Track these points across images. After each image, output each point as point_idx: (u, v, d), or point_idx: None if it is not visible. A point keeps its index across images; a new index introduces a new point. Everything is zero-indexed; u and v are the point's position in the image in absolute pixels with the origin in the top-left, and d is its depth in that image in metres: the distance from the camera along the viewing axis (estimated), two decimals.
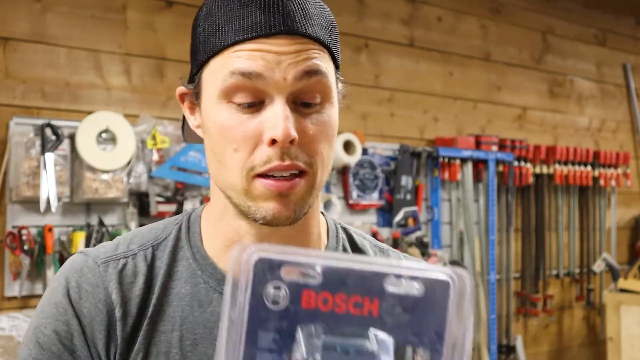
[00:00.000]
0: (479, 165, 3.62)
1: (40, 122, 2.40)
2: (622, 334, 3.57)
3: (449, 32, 3.75)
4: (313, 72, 0.73)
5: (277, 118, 0.70)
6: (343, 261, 0.46)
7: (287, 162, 0.72)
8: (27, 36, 2.49)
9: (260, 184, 0.72)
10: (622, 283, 3.73)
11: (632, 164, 4.67)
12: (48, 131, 2.39)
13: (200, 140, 0.83)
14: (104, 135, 2.49)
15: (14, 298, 2.39)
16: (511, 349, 3.81)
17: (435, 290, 0.45)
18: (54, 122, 2.41)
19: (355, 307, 0.45)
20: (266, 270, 0.46)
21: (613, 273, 4.05)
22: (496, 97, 3.95)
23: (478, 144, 3.61)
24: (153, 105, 2.73)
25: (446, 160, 3.46)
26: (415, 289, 0.46)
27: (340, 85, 0.81)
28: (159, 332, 0.77)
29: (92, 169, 2.44)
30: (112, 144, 2.50)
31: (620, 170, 4.36)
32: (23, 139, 2.37)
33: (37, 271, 2.40)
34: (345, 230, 0.89)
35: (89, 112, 2.51)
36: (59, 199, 2.39)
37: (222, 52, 0.73)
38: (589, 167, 4.17)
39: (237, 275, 0.46)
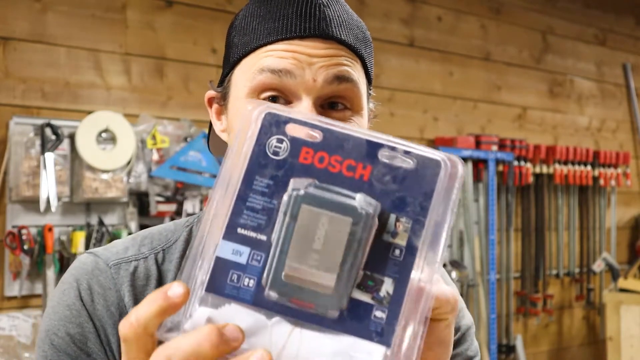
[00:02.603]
0: (479, 165, 3.62)
1: (40, 121, 2.40)
2: (622, 333, 3.57)
3: (449, 32, 3.75)
4: (344, 79, 0.71)
5: None
6: (344, 128, 0.48)
7: None
8: (27, 36, 2.49)
9: None
10: (622, 283, 3.74)
11: (632, 164, 4.67)
12: (48, 131, 2.39)
13: (223, 154, 0.82)
14: (104, 135, 2.49)
15: (14, 298, 2.39)
16: (511, 349, 3.81)
17: (426, 167, 0.47)
18: (54, 122, 2.41)
19: (348, 170, 0.47)
20: (273, 123, 0.48)
21: (613, 273, 4.05)
22: (496, 96, 3.95)
23: (478, 144, 3.61)
24: (153, 105, 2.74)
25: None
26: (407, 162, 0.47)
27: (371, 104, 0.80)
28: None
29: (92, 169, 2.44)
30: (112, 143, 2.50)
31: (620, 170, 4.36)
32: (23, 138, 2.37)
33: (37, 271, 2.40)
34: None
35: (89, 112, 2.51)
36: (59, 199, 2.39)
37: (253, 51, 0.73)
38: (588, 167, 4.17)
39: (246, 125, 0.48)
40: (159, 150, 2.60)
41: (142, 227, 2.56)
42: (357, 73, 0.74)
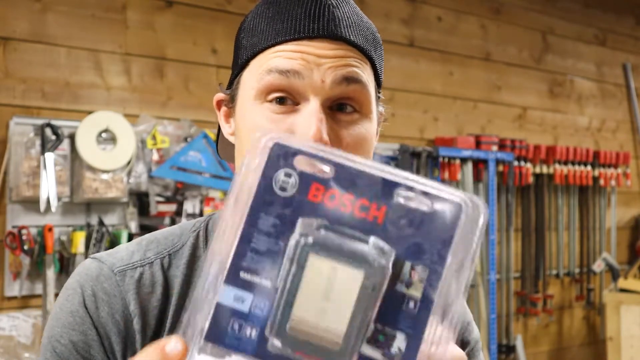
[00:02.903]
0: (479, 165, 3.62)
1: (40, 122, 2.40)
2: (622, 333, 3.57)
3: (449, 32, 3.75)
4: (352, 80, 0.70)
5: (310, 118, 0.68)
6: (358, 163, 0.45)
7: None
8: (27, 36, 2.49)
9: None
10: (622, 283, 3.74)
11: (632, 164, 4.67)
12: (48, 131, 2.39)
13: (231, 160, 0.80)
14: (104, 135, 2.49)
15: (14, 298, 2.39)
16: (511, 349, 3.81)
17: (446, 210, 0.44)
18: (54, 122, 2.41)
19: (361, 211, 0.44)
20: (281, 155, 0.45)
21: (613, 273, 4.05)
22: (496, 97, 3.95)
23: (478, 144, 3.61)
24: (153, 105, 2.74)
25: (446, 160, 3.46)
26: (425, 204, 0.44)
27: (380, 107, 0.79)
28: None
29: (92, 169, 2.44)
30: (112, 143, 2.50)
31: (620, 170, 4.36)
32: (23, 138, 2.37)
33: (37, 271, 2.40)
34: None
35: (89, 112, 2.51)
36: (59, 199, 2.39)
37: (262, 52, 0.72)
38: (589, 167, 4.17)
39: (252, 156, 0.45)
40: (159, 150, 2.60)
41: (142, 227, 2.56)
42: (366, 75, 0.72)
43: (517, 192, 3.96)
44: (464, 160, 3.53)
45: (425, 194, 0.44)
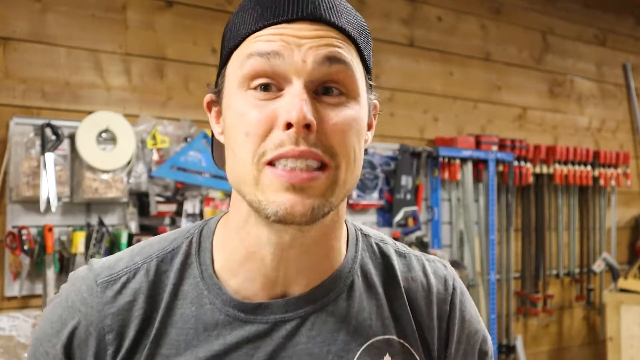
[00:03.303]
0: (479, 165, 3.62)
1: (40, 122, 2.40)
2: (622, 333, 3.57)
3: (449, 32, 3.75)
4: (335, 59, 0.69)
5: (293, 100, 0.66)
6: None
7: (302, 147, 0.66)
8: (27, 36, 2.49)
9: (270, 173, 0.67)
10: (622, 283, 3.73)
11: (632, 164, 4.67)
12: (48, 131, 2.39)
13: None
14: (104, 135, 2.49)
15: (14, 298, 2.39)
16: (511, 349, 3.81)
17: None
18: (54, 122, 2.41)
19: None
20: None
21: (613, 273, 4.05)
22: (496, 97, 3.95)
23: (478, 144, 3.61)
24: (153, 105, 2.74)
25: (446, 160, 3.46)
26: None
27: (374, 98, 0.77)
28: (162, 356, 0.73)
29: (92, 169, 2.44)
30: (112, 143, 2.50)
31: (620, 170, 4.36)
32: (23, 139, 2.37)
33: (37, 271, 2.40)
34: (365, 237, 0.84)
35: (89, 112, 2.51)
36: (59, 199, 2.39)
37: (243, 41, 0.71)
38: (589, 167, 4.17)
39: None
40: (159, 150, 2.60)
41: (142, 227, 2.56)
42: (349, 56, 0.70)
43: (517, 192, 3.96)
44: (464, 160, 3.53)
45: None
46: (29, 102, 2.48)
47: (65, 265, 2.44)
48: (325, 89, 0.70)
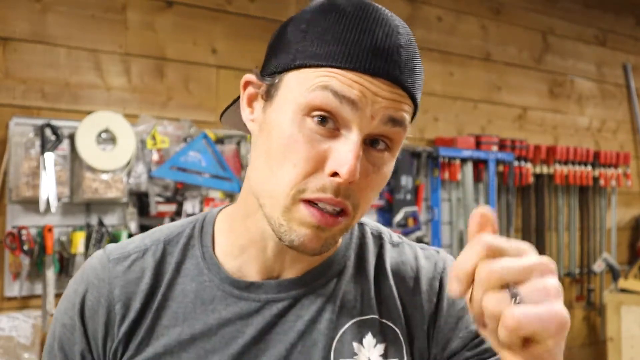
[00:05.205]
0: (479, 165, 3.62)
1: (40, 122, 2.40)
2: (623, 334, 3.57)
3: (449, 32, 3.75)
4: (398, 123, 0.73)
5: (349, 154, 0.69)
6: None
7: (338, 199, 0.71)
8: (27, 36, 2.49)
9: (306, 210, 0.71)
10: (622, 283, 3.73)
11: (632, 164, 4.67)
12: (48, 131, 2.39)
13: (235, 127, 0.85)
14: (103, 135, 2.49)
15: (14, 298, 2.39)
16: None
17: None
18: (54, 122, 2.41)
19: None
20: None
21: (613, 273, 4.04)
22: (496, 97, 3.95)
23: (478, 144, 3.61)
24: (153, 105, 2.73)
25: (446, 160, 3.46)
26: None
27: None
28: (162, 326, 0.79)
29: (92, 169, 2.44)
30: (112, 144, 2.50)
31: (620, 170, 4.36)
32: (23, 139, 2.37)
33: (37, 271, 2.40)
34: (361, 226, 0.89)
35: (89, 112, 2.51)
36: (59, 199, 2.39)
37: (320, 67, 0.70)
38: (589, 167, 4.17)
39: None
40: (159, 150, 2.60)
41: (142, 227, 2.55)
42: (409, 118, 0.75)
43: (517, 192, 3.96)
44: (464, 160, 3.53)
45: None
46: (28, 102, 2.48)
47: (65, 265, 2.43)
48: (373, 141, 0.73)
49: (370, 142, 0.73)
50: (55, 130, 2.39)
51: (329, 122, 0.71)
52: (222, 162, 2.70)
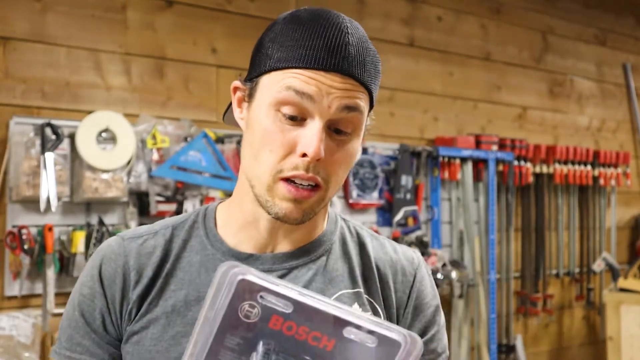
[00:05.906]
0: (479, 164, 3.62)
1: (40, 121, 2.40)
2: (622, 333, 3.57)
3: (449, 32, 3.75)
4: (353, 109, 0.86)
5: (313, 137, 0.84)
6: (315, 300, 0.55)
7: (309, 174, 0.85)
8: (27, 36, 2.49)
9: (284, 187, 0.86)
10: (622, 283, 3.73)
11: (632, 164, 4.67)
12: (48, 131, 2.39)
13: (236, 125, 0.97)
14: (104, 134, 2.49)
15: (14, 297, 2.39)
16: (511, 349, 3.81)
17: (386, 346, 0.53)
18: (54, 122, 2.41)
19: (314, 340, 0.54)
20: (246, 290, 0.55)
21: (613, 273, 4.05)
22: (496, 96, 3.95)
23: (478, 144, 3.61)
24: (153, 105, 2.74)
25: (446, 159, 3.46)
26: (369, 340, 0.53)
27: (369, 122, 0.95)
28: (170, 290, 0.91)
29: (92, 169, 2.44)
30: (112, 143, 2.50)
31: (620, 170, 4.36)
32: (23, 138, 2.37)
33: (37, 271, 2.40)
34: (345, 221, 1.03)
35: (89, 112, 2.51)
36: (59, 199, 2.39)
37: (284, 69, 0.85)
38: (588, 167, 4.17)
39: (220, 286, 0.55)
40: (159, 150, 2.60)
41: None
42: (364, 104, 0.88)
43: (517, 192, 3.96)
44: (464, 160, 3.53)
45: (371, 332, 0.54)
46: (29, 102, 2.48)
47: (65, 264, 2.44)
48: (337, 130, 0.87)
49: (334, 130, 0.87)
50: (55, 129, 2.39)
51: (296, 118, 0.85)
52: (222, 162, 2.70)
